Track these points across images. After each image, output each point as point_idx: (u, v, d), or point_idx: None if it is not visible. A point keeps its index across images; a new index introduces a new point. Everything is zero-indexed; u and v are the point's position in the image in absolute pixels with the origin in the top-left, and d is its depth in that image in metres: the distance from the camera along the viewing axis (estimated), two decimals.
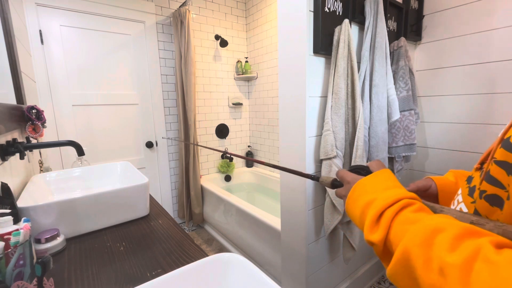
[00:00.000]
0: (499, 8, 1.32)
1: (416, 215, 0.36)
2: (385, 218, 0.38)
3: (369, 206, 0.41)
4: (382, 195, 0.40)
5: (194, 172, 2.37)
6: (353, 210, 0.44)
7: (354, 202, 0.44)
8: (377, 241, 0.37)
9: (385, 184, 0.43)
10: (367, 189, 0.43)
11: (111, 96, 2.13)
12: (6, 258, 0.46)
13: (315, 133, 1.20)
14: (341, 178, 0.51)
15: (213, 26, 2.60)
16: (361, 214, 0.42)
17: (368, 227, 0.39)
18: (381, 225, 0.38)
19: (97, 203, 0.80)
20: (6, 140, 0.80)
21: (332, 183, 0.53)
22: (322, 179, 0.55)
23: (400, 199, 0.39)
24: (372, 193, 0.42)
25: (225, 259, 0.56)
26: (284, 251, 1.39)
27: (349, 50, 1.12)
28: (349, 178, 0.48)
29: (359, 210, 0.42)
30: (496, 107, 1.38)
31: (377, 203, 0.39)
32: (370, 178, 0.45)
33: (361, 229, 0.42)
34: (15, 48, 1.05)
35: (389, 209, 0.38)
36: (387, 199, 0.39)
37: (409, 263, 0.32)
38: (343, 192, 0.49)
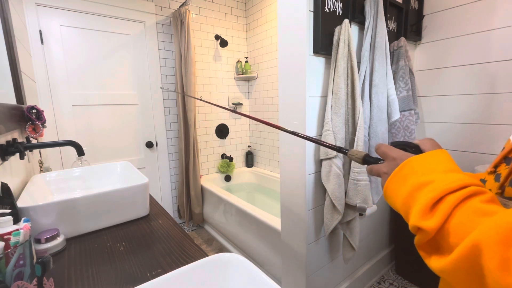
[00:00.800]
0: (499, 8, 1.32)
1: (490, 206, 0.31)
2: (446, 204, 0.33)
3: (422, 188, 0.35)
4: (441, 177, 0.35)
5: (194, 172, 2.37)
6: (396, 190, 0.39)
7: (400, 181, 0.39)
8: (430, 228, 0.33)
9: (444, 166, 0.37)
10: (420, 169, 0.38)
11: (111, 96, 2.13)
12: (6, 258, 0.46)
13: (315, 133, 1.20)
14: (383, 153, 0.45)
15: (213, 26, 2.60)
16: (408, 196, 0.37)
17: (419, 211, 0.34)
18: (439, 211, 0.33)
19: (97, 203, 0.80)
20: (6, 140, 0.80)
21: (363, 158, 0.48)
22: (352, 153, 0.50)
23: (466, 185, 0.33)
24: (427, 174, 0.36)
25: (225, 259, 0.56)
26: (284, 251, 1.39)
27: (349, 50, 1.12)
28: (395, 154, 0.42)
29: (405, 191, 0.37)
30: (496, 107, 1.38)
31: (436, 186, 0.34)
32: (424, 157, 0.39)
33: (402, 213, 0.38)
34: (15, 48, 1.05)
35: (452, 195, 0.33)
36: (450, 183, 0.34)
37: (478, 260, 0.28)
38: (383, 169, 0.43)
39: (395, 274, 1.78)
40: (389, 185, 0.40)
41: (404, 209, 0.37)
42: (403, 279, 1.73)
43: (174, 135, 2.50)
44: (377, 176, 0.45)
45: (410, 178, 0.37)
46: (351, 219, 1.24)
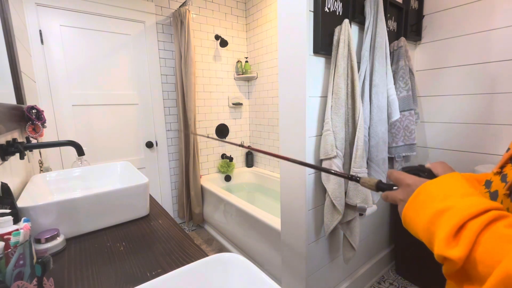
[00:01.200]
0: (499, 8, 1.32)
1: None
2: (469, 231, 0.32)
3: (442, 215, 0.35)
4: (460, 203, 0.34)
5: (194, 172, 2.37)
6: (415, 217, 0.38)
7: (418, 208, 0.38)
8: (457, 257, 0.31)
9: (460, 190, 0.37)
10: (436, 195, 0.37)
11: (111, 96, 2.13)
12: (6, 258, 0.46)
13: (315, 133, 1.20)
14: (397, 180, 0.44)
15: (213, 26, 2.60)
16: (429, 223, 0.36)
17: (443, 240, 0.33)
18: (463, 239, 0.32)
19: (97, 203, 0.80)
20: (6, 140, 0.80)
21: (377, 185, 0.47)
22: (364, 181, 0.49)
23: (487, 210, 0.33)
24: (445, 199, 0.36)
25: (225, 259, 0.56)
26: (284, 251, 1.39)
27: (349, 50, 1.12)
28: (410, 180, 0.42)
29: (425, 218, 0.37)
30: (496, 107, 1.38)
31: (456, 212, 0.33)
32: (439, 182, 0.39)
33: (425, 240, 0.37)
34: (15, 48, 1.05)
35: (474, 221, 0.32)
36: (469, 208, 0.33)
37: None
38: (399, 196, 0.43)
39: (395, 274, 1.78)
40: (407, 212, 0.40)
41: (427, 237, 0.37)
42: (403, 279, 1.73)
43: (174, 135, 2.50)
44: (393, 202, 0.45)
45: (428, 205, 0.37)
46: (351, 219, 1.24)
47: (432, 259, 1.24)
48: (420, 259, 1.59)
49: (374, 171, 1.29)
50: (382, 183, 0.47)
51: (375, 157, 1.26)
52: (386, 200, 0.46)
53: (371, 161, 1.27)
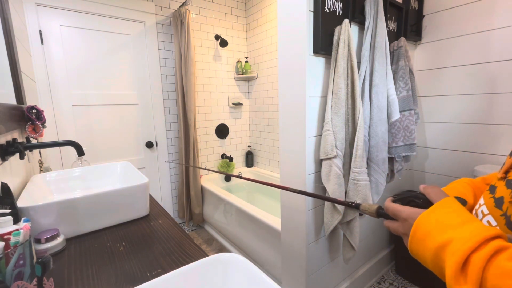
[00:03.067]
0: (499, 8, 1.32)
1: None
2: (474, 267, 0.32)
3: (445, 249, 0.35)
4: (459, 234, 0.35)
5: (194, 172, 2.37)
6: (421, 253, 0.39)
7: (420, 244, 0.39)
8: None
9: (457, 218, 0.37)
10: (434, 227, 0.37)
11: (111, 96, 2.13)
12: (6, 258, 0.46)
13: (315, 133, 1.20)
14: (394, 215, 0.45)
15: (213, 26, 2.60)
16: (435, 258, 0.37)
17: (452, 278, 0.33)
18: (470, 276, 0.32)
19: (97, 203, 0.80)
20: (6, 140, 0.80)
21: (377, 212, 0.48)
22: (364, 207, 0.49)
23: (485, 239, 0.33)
24: (444, 231, 0.36)
25: (225, 259, 0.56)
26: (284, 251, 1.39)
27: (349, 50, 1.12)
28: (404, 214, 0.42)
29: (430, 253, 0.37)
30: (496, 107, 1.38)
31: (456, 246, 0.34)
32: (433, 213, 0.39)
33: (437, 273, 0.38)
34: (15, 48, 1.05)
35: (476, 255, 0.32)
36: (468, 240, 0.33)
37: None
38: (400, 230, 0.44)
39: (395, 274, 1.78)
40: (412, 248, 0.41)
41: (438, 271, 0.38)
42: (403, 279, 1.73)
43: (174, 135, 2.50)
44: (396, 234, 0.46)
45: (429, 240, 0.38)
46: (351, 219, 1.24)
47: None
48: None
49: (374, 171, 1.29)
50: (382, 210, 0.48)
51: (375, 157, 1.26)
52: (390, 231, 0.47)
53: (371, 161, 1.27)
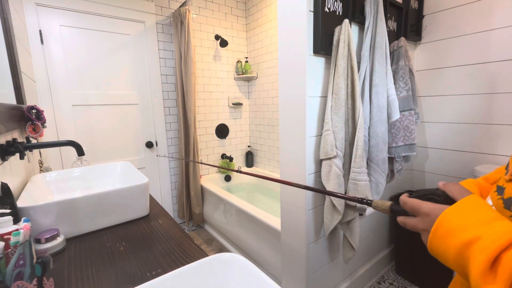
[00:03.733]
0: (499, 8, 1.32)
1: None
2: (505, 266, 0.31)
3: (471, 247, 0.34)
4: (488, 231, 0.33)
5: (194, 172, 2.37)
6: (442, 250, 0.38)
7: (443, 240, 0.37)
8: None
9: (484, 215, 0.36)
10: (460, 224, 0.36)
11: (111, 96, 2.13)
12: (6, 258, 0.46)
13: (315, 133, 1.20)
14: (413, 209, 0.43)
15: (213, 26, 2.60)
16: (458, 256, 0.35)
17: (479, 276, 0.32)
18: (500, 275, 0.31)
19: (97, 203, 0.80)
20: (6, 140, 0.80)
21: (391, 208, 0.46)
22: (377, 204, 0.47)
23: None
24: (470, 229, 0.35)
25: (225, 259, 0.56)
26: (284, 251, 1.39)
27: (349, 50, 1.12)
28: (426, 208, 0.41)
29: (453, 251, 0.36)
30: (496, 107, 1.38)
31: (486, 244, 0.33)
32: (459, 209, 0.37)
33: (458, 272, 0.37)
34: (15, 48, 1.05)
35: (508, 253, 0.31)
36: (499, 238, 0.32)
37: None
38: (419, 225, 0.42)
39: (395, 274, 1.78)
40: (432, 245, 0.39)
41: (460, 270, 0.36)
42: (403, 279, 1.73)
43: (174, 135, 2.50)
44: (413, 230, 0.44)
45: (453, 237, 0.36)
46: (351, 219, 1.24)
47: (432, 259, 1.26)
48: (420, 259, 1.59)
49: (374, 171, 1.29)
50: (396, 206, 0.46)
51: (375, 157, 1.26)
52: (405, 227, 0.45)
53: (371, 161, 1.27)
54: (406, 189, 1.84)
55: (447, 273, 1.45)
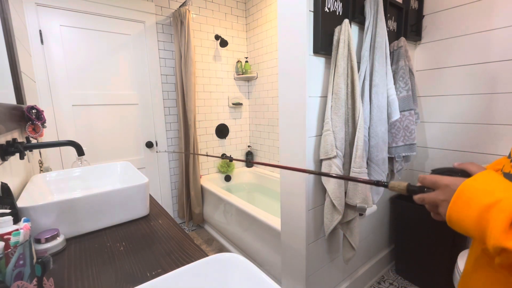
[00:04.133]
0: (499, 8, 1.32)
1: None
2: None
3: (492, 209, 0.36)
4: (507, 194, 0.36)
5: (194, 172, 2.37)
6: (462, 216, 0.40)
7: (464, 206, 0.39)
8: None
9: (502, 184, 0.38)
10: (480, 191, 0.38)
11: (111, 96, 2.13)
12: (6, 258, 0.46)
13: (315, 133, 1.20)
14: (433, 183, 0.45)
15: (213, 26, 2.60)
16: (479, 218, 0.37)
17: (500, 232, 0.34)
18: None
19: (97, 203, 0.80)
20: (6, 140, 0.80)
21: (407, 188, 0.48)
22: (393, 185, 0.49)
23: None
24: (490, 194, 0.37)
25: (225, 259, 0.56)
26: (284, 251, 1.39)
27: (349, 50, 1.12)
28: (447, 181, 0.43)
29: (474, 214, 0.38)
30: (496, 107, 1.38)
31: (506, 205, 0.35)
32: (479, 179, 0.40)
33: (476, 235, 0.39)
34: (15, 48, 1.05)
35: None
36: None
37: None
38: (439, 197, 0.44)
39: (395, 274, 1.78)
40: (452, 212, 0.41)
41: (478, 233, 0.38)
42: (403, 279, 1.73)
43: (174, 135, 2.50)
44: (432, 204, 0.45)
45: (474, 201, 0.38)
46: (351, 219, 1.24)
47: (432, 259, 1.26)
48: (420, 259, 1.59)
49: (374, 171, 1.29)
50: (413, 186, 0.48)
51: (375, 157, 1.26)
52: (423, 203, 0.46)
53: (371, 161, 1.27)
54: None
55: (447, 273, 1.46)
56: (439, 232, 1.47)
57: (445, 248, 1.46)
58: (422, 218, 1.54)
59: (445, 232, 1.44)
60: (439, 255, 1.49)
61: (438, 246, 1.49)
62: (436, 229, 1.48)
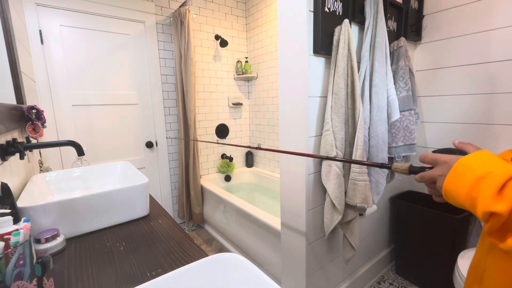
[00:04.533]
0: (499, 8, 1.32)
1: None
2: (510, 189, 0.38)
3: (483, 180, 0.40)
4: (498, 168, 0.40)
5: (194, 172, 2.37)
6: (456, 187, 0.44)
7: (459, 178, 0.44)
8: (504, 210, 0.37)
9: (495, 159, 0.42)
10: (474, 165, 0.43)
11: (111, 96, 2.13)
12: (6, 258, 0.46)
13: (315, 133, 1.20)
14: (433, 160, 0.49)
15: (213, 26, 2.60)
16: (471, 188, 0.41)
17: (489, 198, 0.39)
18: (506, 194, 0.38)
19: (97, 203, 0.80)
20: (6, 140, 0.80)
21: (409, 169, 0.52)
22: (396, 166, 0.54)
23: None
24: (483, 168, 0.41)
25: (225, 259, 0.56)
26: (284, 251, 1.39)
27: (349, 50, 1.12)
28: (445, 158, 0.47)
29: (466, 185, 0.42)
30: (496, 107, 1.38)
31: (495, 175, 0.39)
32: (474, 155, 0.44)
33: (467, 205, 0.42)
34: (15, 48, 1.05)
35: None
36: (507, 170, 0.39)
37: None
38: (437, 172, 0.48)
39: (395, 274, 1.78)
40: (448, 184, 0.45)
41: (469, 201, 0.42)
42: (403, 279, 1.73)
43: (174, 135, 2.50)
44: (430, 181, 0.50)
45: (468, 174, 0.42)
46: (351, 219, 1.24)
47: (432, 259, 1.26)
48: (420, 259, 1.59)
49: (374, 171, 1.29)
50: (414, 167, 0.52)
51: (375, 157, 1.26)
52: (422, 181, 0.51)
53: (371, 161, 1.27)
54: (406, 189, 1.84)
55: (447, 273, 1.45)
56: (439, 232, 1.47)
57: (445, 248, 1.46)
58: (422, 218, 1.54)
59: (445, 232, 1.44)
60: (439, 255, 1.49)
61: (438, 246, 1.49)
62: (436, 229, 1.48)
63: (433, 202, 1.56)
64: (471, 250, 1.30)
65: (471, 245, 1.59)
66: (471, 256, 1.25)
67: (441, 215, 1.44)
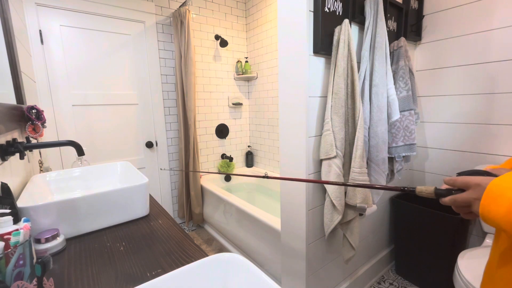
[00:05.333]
0: (499, 8, 1.32)
1: None
2: None
3: None
4: None
5: (194, 172, 2.37)
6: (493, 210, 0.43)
7: (495, 201, 0.43)
8: None
9: None
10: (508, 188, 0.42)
11: (111, 96, 2.13)
12: (6, 258, 0.46)
13: (315, 133, 1.20)
14: (465, 183, 0.48)
15: (213, 26, 2.60)
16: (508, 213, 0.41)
17: None
18: None
19: (97, 203, 0.80)
20: (6, 140, 0.80)
21: (435, 192, 0.50)
22: (421, 190, 0.51)
23: None
24: None
25: (225, 259, 0.56)
26: (284, 251, 1.39)
27: (349, 50, 1.12)
28: (477, 180, 0.46)
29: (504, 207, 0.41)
30: (496, 107, 1.38)
31: None
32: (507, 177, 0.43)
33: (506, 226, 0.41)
34: (15, 48, 1.05)
35: None
36: None
37: None
38: (472, 196, 0.46)
39: (395, 274, 1.78)
40: (485, 208, 0.44)
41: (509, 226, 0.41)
42: (403, 279, 1.73)
43: (174, 135, 2.50)
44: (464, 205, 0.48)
45: (502, 197, 0.41)
46: (351, 219, 1.24)
47: (432, 259, 1.26)
48: (420, 259, 1.59)
49: (374, 171, 1.29)
50: (440, 189, 0.50)
51: (375, 157, 1.26)
52: (455, 204, 0.49)
53: (371, 161, 1.27)
54: None
55: (447, 273, 1.46)
56: (439, 232, 1.47)
57: (445, 248, 1.46)
58: (422, 218, 1.54)
59: (445, 232, 1.44)
60: (439, 255, 1.49)
61: (438, 246, 1.49)
62: (436, 229, 1.48)
63: (433, 202, 1.56)
64: (471, 250, 1.30)
65: (471, 245, 1.59)
66: (471, 256, 1.25)
67: (441, 215, 1.44)
